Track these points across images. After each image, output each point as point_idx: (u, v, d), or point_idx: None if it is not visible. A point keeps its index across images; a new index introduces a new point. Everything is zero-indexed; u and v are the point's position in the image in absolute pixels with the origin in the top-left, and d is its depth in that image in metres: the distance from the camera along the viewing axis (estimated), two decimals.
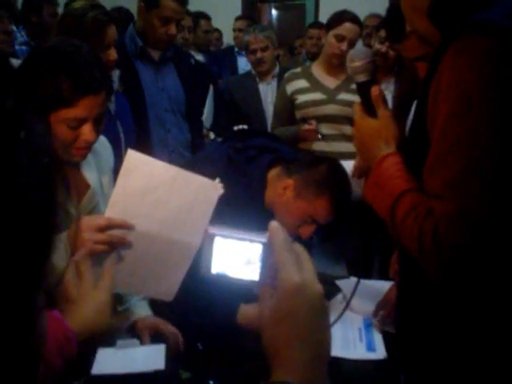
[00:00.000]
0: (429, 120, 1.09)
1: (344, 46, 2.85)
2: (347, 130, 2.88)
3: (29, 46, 3.66)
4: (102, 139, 1.62)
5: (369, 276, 2.39)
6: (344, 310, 1.67)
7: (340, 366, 1.55)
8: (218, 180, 1.73)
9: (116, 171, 1.35)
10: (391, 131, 1.23)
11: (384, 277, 1.98)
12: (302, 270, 0.64)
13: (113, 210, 1.22)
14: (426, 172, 1.08)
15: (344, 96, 2.89)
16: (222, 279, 0.67)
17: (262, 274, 0.66)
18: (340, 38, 2.85)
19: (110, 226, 1.20)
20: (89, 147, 1.44)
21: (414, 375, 1.30)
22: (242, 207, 1.73)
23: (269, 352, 0.63)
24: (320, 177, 1.70)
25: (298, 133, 2.88)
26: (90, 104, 1.34)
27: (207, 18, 5.11)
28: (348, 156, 2.85)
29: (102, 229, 1.19)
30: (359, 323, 1.76)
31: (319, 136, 2.87)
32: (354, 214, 1.93)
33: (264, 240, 0.66)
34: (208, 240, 0.67)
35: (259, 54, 3.48)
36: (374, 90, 1.25)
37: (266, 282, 0.66)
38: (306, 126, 2.84)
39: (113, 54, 2.15)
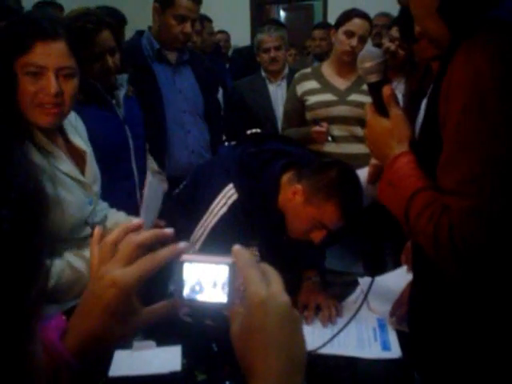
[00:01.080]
0: (440, 118, 1.09)
1: (354, 41, 2.83)
2: (358, 131, 2.88)
3: None
4: (73, 115, 1.74)
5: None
6: (358, 310, 1.68)
7: (356, 365, 1.56)
8: (231, 185, 1.75)
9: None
10: (403, 130, 1.23)
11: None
12: (269, 284, 0.65)
13: None
14: (439, 169, 1.09)
15: (355, 97, 2.89)
16: (192, 303, 0.70)
17: (230, 295, 0.68)
18: (350, 34, 2.83)
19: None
20: (56, 106, 1.49)
21: (429, 374, 1.30)
22: (256, 211, 1.74)
23: (243, 366, 0.64)
24: (328, 182, 1.69)
25: (309, 134, 2.87)
26: (47, 50, 1.43)
27: (209, 20, 5.13)
28: (359, 157, 2.86)
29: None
30: (374, 323, 1.77)
31: (329, 138, 2.87)
32: (369, 217, 1.93)
33: (230, 261, 0.68)
34: (178, 267, 0.71)
35: (273, 53, 3.48)
36: (386, 90, 1.25)
37: (234, 303, 0.68)
38: (317, 128, 2.83)
39: (107, 61, 2.12)
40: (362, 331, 1.72)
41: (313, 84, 2.96)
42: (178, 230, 1.98)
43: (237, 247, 0.68)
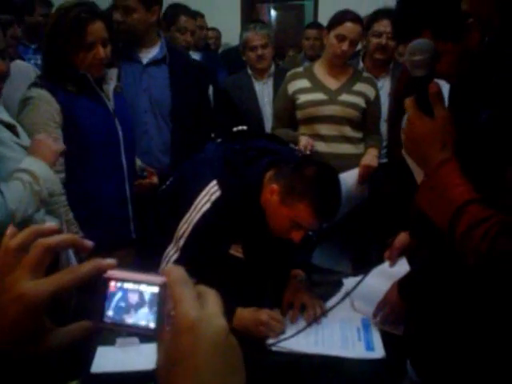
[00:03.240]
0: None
1: (345, 46, 2.83)
2: (348, 131, 2.89)
3: (23, 46, 3.67)
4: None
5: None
6: (338, 303, 1.68)
7: (342, 365, 1.56)
8: (215, 182, 1.74)
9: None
10: (449, 134, 1.15)
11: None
12: (204, 305, 0.55)
13: None
14: (509, 184, 1.04)
15: (345, 97, 2.89)
16: (115, 327, 0.61)
17: (159, 319, 0.59)
18: (341, 38, 2.83)
19: None
20: None
21: (424, 366, 1.30)
22: (239, 209, 1.73)
23: None
24: (301, 182, 1.66)
25: (296, 141, 2.85)
26: None
27: (201, 15, 5.13)
28: (348, 157, 2.88)
29: None
30: (358, 323, 1.77)
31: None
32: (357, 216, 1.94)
33: (160, 281, 0.59)
34: (102, 284, 0.61)
35: (260, 51, 3.47)
36: (432, 87, 1.16)
37: (163, 329, 0.58)
38: (304, 144, 2.82)
39: (99, 51, 2.11)
40: (346, 331, 1.72)
41: (304, 83, 2.97)
42: (163, 226, 1.97)
43: (169, 267, 0.58)
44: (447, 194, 1.09)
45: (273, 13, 8.60)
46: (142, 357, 1.44)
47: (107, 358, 1.49)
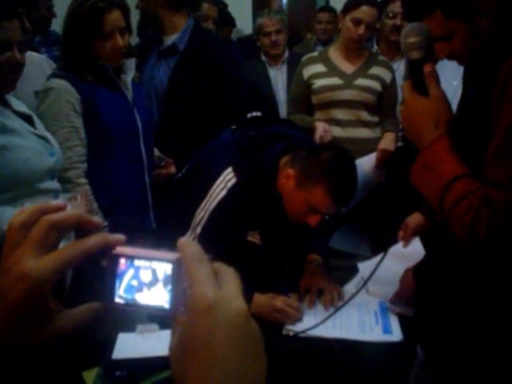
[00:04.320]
0: (494, 106, 1.06)
1: (361, 30, 2.79)
2: (364, 115, 2.87)
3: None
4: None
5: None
6: (353, 295, 1.68)
7: (361, 348, 1.57)
8: (230, 168, 1.74)
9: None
10: (443, 113, 1.20)
11: None
12: (222, 286, 0.50)
13: None
14: (487, 159, 1.07)
15: (361, 81, 2.86)
16: (127, 307, 0.57)
17: (174, 299, 0.54)
18: (357, 22, 2.80)
19: None
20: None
21: (433, 349, 1.31)
22: (255, 195, 1.74)
23: None
24: (319, 166, 1.66)
25: (311, 126, 2.83)
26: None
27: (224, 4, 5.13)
28: (364, 142, 2.86)
29: None
30: (375, 306, 1.78)
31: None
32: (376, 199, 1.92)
33: (174, 258, 0.55)
34: (110, 262, 0.57)
35: (274, 37, 3.46)
36: (427, 68, 1.21)
37: (178, 310, 0.53)
38: (321, 133, 2.78)
39: (118, 40, 2.12)
40: (363, 315, 1.73)
41: (319, 67, 2.94)
42: (180, 215, 1.98)
43: (183, 239, 0.54)
44: (437, 170, 1.13)
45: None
46: (162, 343, 1.46)
47: (128, 345, 1.52)
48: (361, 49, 2.95)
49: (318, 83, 2.91)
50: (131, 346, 1.52)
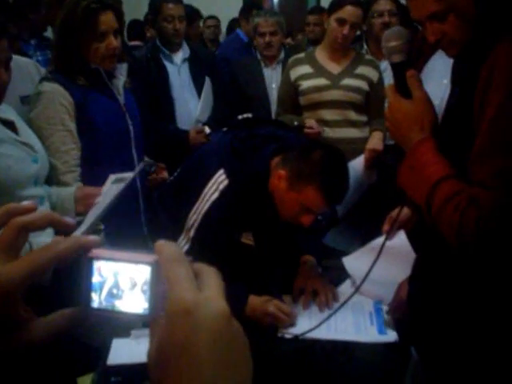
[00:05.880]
0: (475, 106, 1.07)
1: (346, 30, 2.81)
2: (351, 115, 2.88)
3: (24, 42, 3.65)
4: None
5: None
6: (353, 294, 1.68)
7: (353, 350, 1.57)
8: (222, 171, 1.74)
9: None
10: (427, 114, 1.20)
11: None
12: (202, 286, 0.47)
13: None
14: (471, 159, 1.07)
15: (348, 81, 2.88)
16: (104, 314, 0.54)
17: (152, 303, 0.51)
18: (341, 22, 2.81)
19: None
20: None
21: (427, 351, 1.32)
22: (247, 197, 1.74)
23: None
24: (309, 166, 1.67)
25: (303, 123, 2.85)
26: None
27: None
28: (353, 142, 2.86)
29: None
30: (369, 307, 1.78)
31: (323, 131, 2.86)
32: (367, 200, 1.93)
33: (152, 260, 0.52)
34: (87, 265, 0.54)
35: (268, 38, 3.46)
36: (410, 71, 1.22)
37: (157, 314, 0.50)
38: (310, 130, 2.80)
39: (112, 42, 2.11)
40: (358, 316, 1.73)
41: (306, 69, 2.95)
42: (173, 218, 1.97)
43: (161, 242, 0.51)
44: (424, 172, 1.14)
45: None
46: None
47: (123, 350, 1.51)
48: (347, 49, 2.96)
49: (305, 84, 2.92)
50: (126, 351, 1.51)
